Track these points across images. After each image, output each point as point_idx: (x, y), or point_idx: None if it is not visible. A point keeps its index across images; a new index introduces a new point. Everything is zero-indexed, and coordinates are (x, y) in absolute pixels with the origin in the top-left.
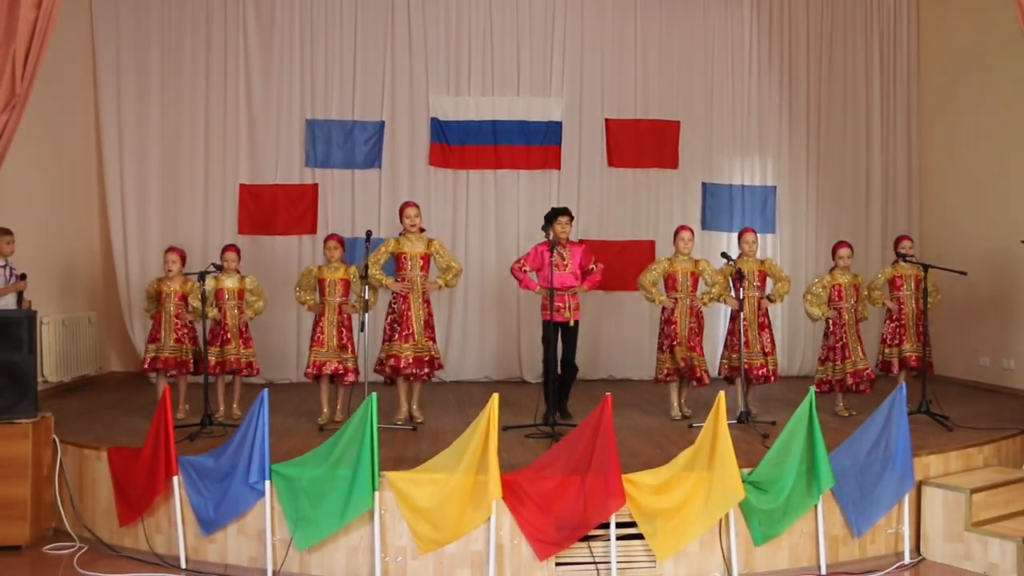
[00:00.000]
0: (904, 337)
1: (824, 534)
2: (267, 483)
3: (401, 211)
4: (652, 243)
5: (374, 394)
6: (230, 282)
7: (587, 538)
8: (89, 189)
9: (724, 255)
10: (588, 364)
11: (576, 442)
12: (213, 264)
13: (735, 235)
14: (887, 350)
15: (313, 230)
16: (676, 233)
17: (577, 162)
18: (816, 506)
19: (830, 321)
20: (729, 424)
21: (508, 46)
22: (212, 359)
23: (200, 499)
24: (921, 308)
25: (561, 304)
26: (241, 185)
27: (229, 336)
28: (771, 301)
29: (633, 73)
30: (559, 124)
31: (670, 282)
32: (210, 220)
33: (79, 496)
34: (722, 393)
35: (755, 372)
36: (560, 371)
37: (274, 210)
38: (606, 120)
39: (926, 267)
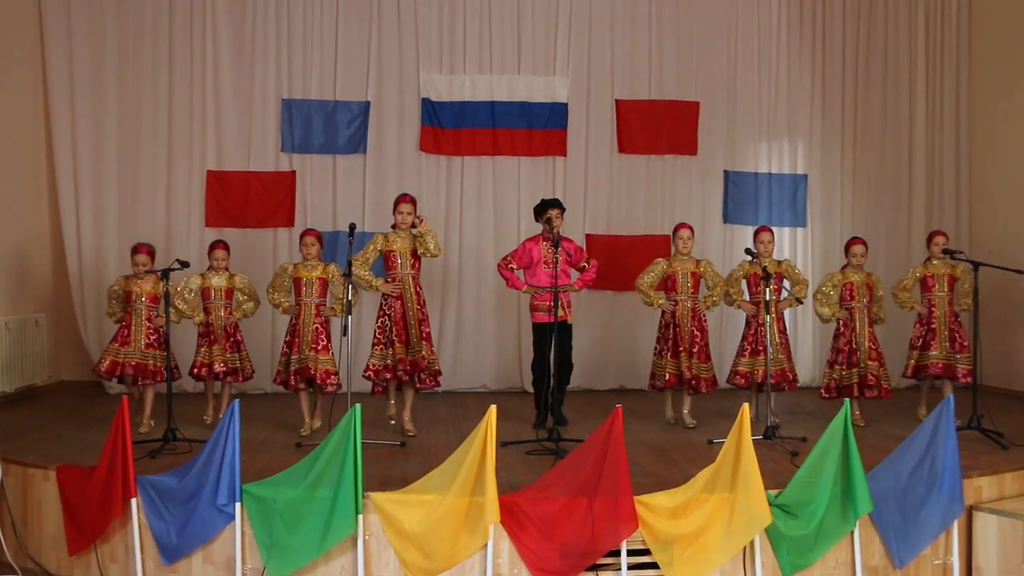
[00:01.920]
0: (933, 343)
1: (862, 565)
2: (237, 505)
3: (395, 205)
4: (667, 238)
5: (358, 406)
6: (218, 281)
7: (595, 567)
8: (38, 176)
9: (748, 251)
10: (597, 373)
11: (583, 460)
12: (178, 260)
13: None
14: (919, 355)
15: (290, 222)
16: (675, 231)
17: (584, 148)
18: (852, 533)
19: (840, 322)
20: (754, 440)
21: (508, 18)
22: (198, 359)
23: (161, 524)
24: (954, 310)
25: (552, 302)
26: (209, 172)
27: (214, 338)
28: (799, 303)
29: (647, 48)
30: (564, 105)
31: (670, 284)
32: (174, 211)
33: (23, 521)
34: (745, 405)
35: (777, 378)
36: (555, 372)
37: (246, 200)
38: (617, 101)
39: (976, 265)
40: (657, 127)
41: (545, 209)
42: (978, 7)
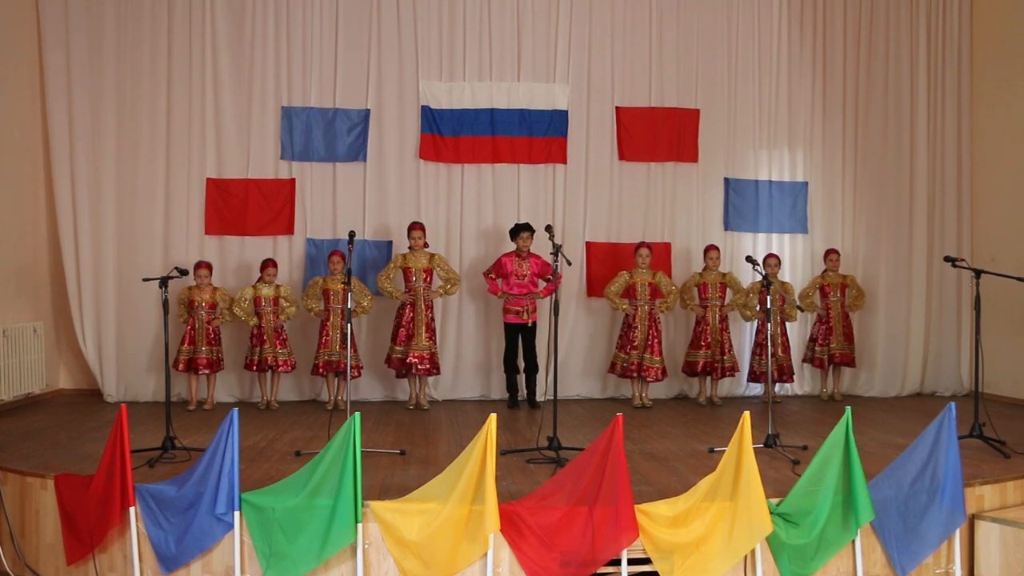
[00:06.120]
0: (832, 337)
1: (863, 574)
2: (236, 514)
3: (409, 231)
4: (668, 246)
5: (357, 414)
6: (267, 291)
7: None
8: (35, 184)
9: (749, 259)
10: (596, 382)
11: (583, 468)
12: (176, 269)
13: (761, 236)
14: (818, 348)
15: (290, 230)
16: (635, 249)
17: (584, 155)
18: (854, 542)
19: (759, 321)
20: (755, 448)
21: (508, 26)
22: (254, 357)
23: (160, 533)
24: (845, 311)
25: (520, 307)
26: (208, 180)
27: (265, 338)
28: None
29: (647, 56)
30: (564, 113)
31: (631, 292)
32: (173, 219)
33: (20, 531)
34: (746, 414)
35: (719, 369)
36: (524, 366)
37: (245, 208)
38: (617, 108)
39: (978, 273)
40: (657, 135)
41: (518, 232)
42: (979, 14)
